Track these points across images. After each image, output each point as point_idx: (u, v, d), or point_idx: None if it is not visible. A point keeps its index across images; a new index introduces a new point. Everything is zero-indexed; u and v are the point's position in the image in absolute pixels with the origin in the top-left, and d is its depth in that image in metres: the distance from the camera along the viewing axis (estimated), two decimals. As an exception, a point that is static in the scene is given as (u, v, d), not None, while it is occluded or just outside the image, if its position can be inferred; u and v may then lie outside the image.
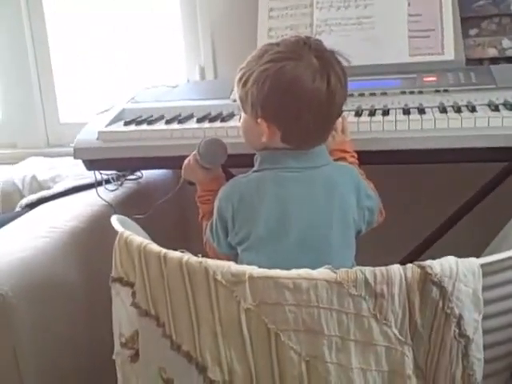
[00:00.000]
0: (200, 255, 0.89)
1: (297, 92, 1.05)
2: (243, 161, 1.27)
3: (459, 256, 0.88)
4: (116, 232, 1.03)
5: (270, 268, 0.99)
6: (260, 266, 1.01)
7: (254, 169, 1.14)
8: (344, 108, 1.44)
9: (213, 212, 1.17)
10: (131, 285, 0.97)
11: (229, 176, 1.29)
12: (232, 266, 0.85)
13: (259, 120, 1.09)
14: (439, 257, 0.91)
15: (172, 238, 1.91)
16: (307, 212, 1.07)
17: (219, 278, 0.85)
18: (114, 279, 1.01)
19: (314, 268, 0.91)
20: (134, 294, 0.96)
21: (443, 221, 1.63)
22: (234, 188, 1.12)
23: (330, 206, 1.08)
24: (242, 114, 1.16)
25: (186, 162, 1.28)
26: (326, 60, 1.07)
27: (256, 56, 1.10)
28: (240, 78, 1.12)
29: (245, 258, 1.10)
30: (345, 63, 1.10)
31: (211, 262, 0.86)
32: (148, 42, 2.15)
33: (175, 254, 0.89)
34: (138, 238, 0.96)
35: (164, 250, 0.91)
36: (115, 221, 1.06)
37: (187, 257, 0.88)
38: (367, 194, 1.15)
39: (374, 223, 1.17)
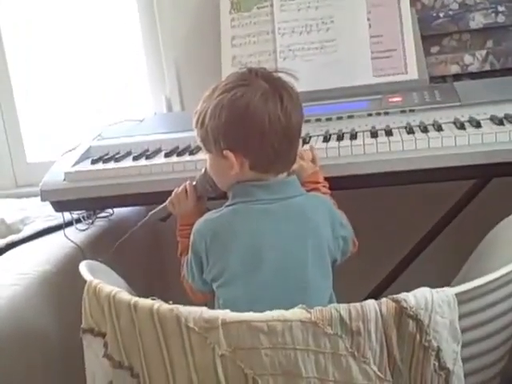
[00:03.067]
0: (171, 302, 0.86)
1: (253, 115, 1.05)
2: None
3: (431, 282, 0.87)
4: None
5: (247, 302, 0.99)
6: (237, 302, 1.02)
7: (227, 203, 1.13)
8: (312, 133, 1.47)
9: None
10: (103, 335, 0.94)
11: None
12: (204, 312, 0.83)
13: (225, 152, 1.08)
14: (412, 282, 0.91)
15: (149, 277, 1.90)
16: (281, 244, 1.06)
17: (191, 325, 0.82)
18: (84, 330, 0.98)
19: (292, 300, 0.91)
20: (105, 345, 0.93)
21: (414, 244, 1.62)
22: (207, 224, 1.11)
23: (304, 237, 1.07)
24: (208, 157, 1.16)
25: (179, 190, 1.27)
26: (275, 82, 1.09)
27: (207, 95, 1.13)
28: (197, 120, 1.13)
29: (221, 295, 1.08)
30: (294, 81, 1.12)
31: (183, 309, 0.84)
32: (112, 77, 2.13)
33: (146, 302, 0.87)
34: (108, 286, 0.94)
35: (134, 299, 0.88)
36: (83, 268, 1.03)
37: (158, 304, 0.86)
38: (341, 223, 1.15)
39: (348, 253, 1.16)
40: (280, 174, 1.11)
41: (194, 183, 1.26)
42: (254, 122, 1.05)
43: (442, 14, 1.70)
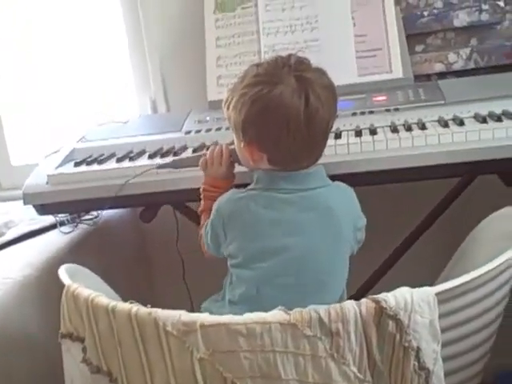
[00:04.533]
0: (149, 306, 0.85)
1: (272, 115, 1.04)
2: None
3: (417, 280, 0.87)
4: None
5: (259, 286, 1.05)
6: (249, 284, 1.06)
7: (250, 187, 1.14)
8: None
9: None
10: (81, 340, 0.93)
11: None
12: (183, 316, 0.82)
13: (242, 144, 1.10)
14: (396, 283, 0.90)
15: (135, 280, 1.89)
16: (299, 234, 1.06)
17: (170, 328, 0.81)
18: (63, 335, 0.97)
19: (306, 292, 0.99)
20: (84, 350, 0.92)
21: (400, 242, 1.62)
22: (227, 204, 1.13)
23: (324, 230, 1.08)
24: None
25: (215, 151, 1.26)
26: (305, 80, 1.06)
27: (239, 79, 1.12)
28: (225, 101, 1.13)
29: (234, 273, 1.11)
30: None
31: (161, 313, 0.83)
32: (97, 79, 2.11)
33: (124, 306, 0.86)
34: (86, 290, 0.92)
35: (112, 303, 0.87)
36: (63, 272, 1.02)
37: (136, 308, 0.85)
38: (360, 215, 1.16)
39: (361, 242, 1.17)
40: (302, 169, 1.11)
41: (232, 147, 1.25)
42: (272, 125, 1.05)
43: (426, 13, 1.70)
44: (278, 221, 1.07)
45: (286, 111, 1.03)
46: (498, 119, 1.31)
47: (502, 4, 1.64)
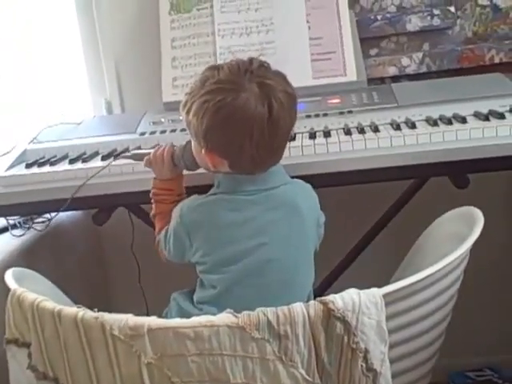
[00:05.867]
0: (96, 310, 0.84)
1: (236, 124, 1.03)
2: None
3: (370, 283, 0.87)
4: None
5: (231, 286, 1.04)
6: (221, 285, 1.06)
7: (211, 192, 1.13)
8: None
9: (166, 212, 1.20)
10: (27, 346, 0.91)
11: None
12: (130, 320, 0.81)
13: (203, 151, 1.08)
14: (350, 285, 0.91)
15: (89, 283, 1.86)
16: (266, 234, 1.06)
17: (116, 332, 0.80)
18: (8, 341, 0.94)
19: (275, 290, 1.00)
20: (30, 356, 0.90)
21: (353, 245, 1.63)
22: (188, 212, 1.11)
23: (291, 227, 1.08)
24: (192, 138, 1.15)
25: (158, 153, 1.24)
26: (267, 87, 1.04)
27: (198, 83, 1.09)
28: (184, 105, 1.10)
29: (203, 278, 1.10)
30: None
31: (108, 317, 0.82)
32: (51, 80, 2.07)
33: (70, 310, 0.84)
34: (32, 294, 0.90)
35: (58, 307, 0.86)
36: (9, 276, 0.99)
37: (82, 312, 0.83)
38: (320, 211, 1.17)
39: (321, 238, 1.18)
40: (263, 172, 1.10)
41: (175, 148, 1.24)
42: (235, 133, 1.03)
43: (379, 17, 1.72)
44: (244, 222, 1.06)
45: (249, 120, 1.02)
46: (449, 122, 1.34)
47: (452, 9, 1.68)
